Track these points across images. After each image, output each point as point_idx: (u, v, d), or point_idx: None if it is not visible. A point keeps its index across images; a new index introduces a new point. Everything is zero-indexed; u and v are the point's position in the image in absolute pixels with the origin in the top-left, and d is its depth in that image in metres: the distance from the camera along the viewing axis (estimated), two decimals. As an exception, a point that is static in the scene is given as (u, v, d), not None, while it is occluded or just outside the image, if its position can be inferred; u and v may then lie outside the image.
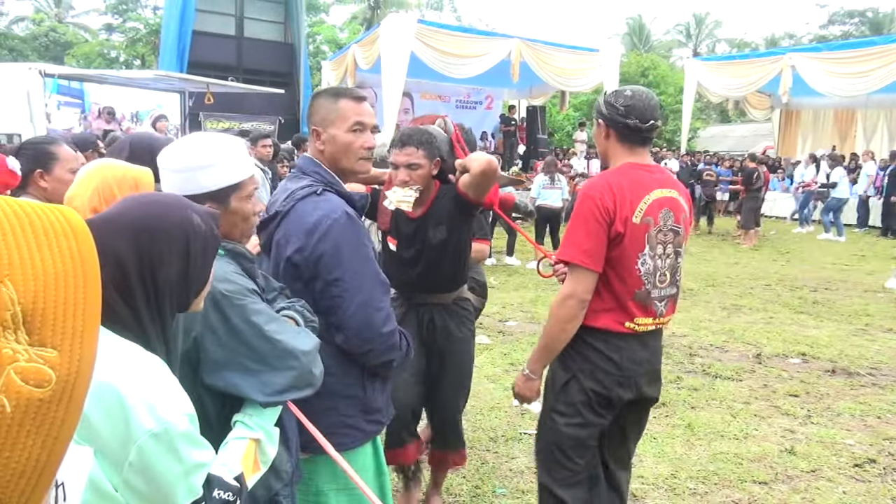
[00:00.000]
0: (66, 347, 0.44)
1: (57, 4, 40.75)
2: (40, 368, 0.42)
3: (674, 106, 26.59)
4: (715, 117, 37.09)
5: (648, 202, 2.20)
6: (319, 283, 1.88)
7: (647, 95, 2.27)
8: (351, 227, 1.90)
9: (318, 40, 31.54)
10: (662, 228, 2.23)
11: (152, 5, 36.90)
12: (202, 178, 1.62)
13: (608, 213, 2.15)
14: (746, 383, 5.09)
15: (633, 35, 44.57)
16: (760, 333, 6.46)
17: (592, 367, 2.27)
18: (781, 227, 14.61)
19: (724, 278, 9.27)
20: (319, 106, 2.05)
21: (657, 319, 2.30)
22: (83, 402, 0.46)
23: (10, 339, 0.41)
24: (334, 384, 1.90)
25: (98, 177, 1.96)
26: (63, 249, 0.46)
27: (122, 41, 34.94)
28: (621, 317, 2.23)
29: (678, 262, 2.32)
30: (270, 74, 17.42)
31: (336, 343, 1.93)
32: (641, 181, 2.22)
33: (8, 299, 0.41)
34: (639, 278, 2.22)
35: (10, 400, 0.41)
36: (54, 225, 0.46)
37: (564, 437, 2.34)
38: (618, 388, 2.28)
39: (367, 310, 1.90)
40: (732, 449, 3.96)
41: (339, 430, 1.95)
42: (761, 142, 24.67)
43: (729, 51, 40.90)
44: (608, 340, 2.25)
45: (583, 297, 2.19)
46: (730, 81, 17.64)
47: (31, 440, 0.42)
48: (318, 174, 2.00)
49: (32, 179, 2.60)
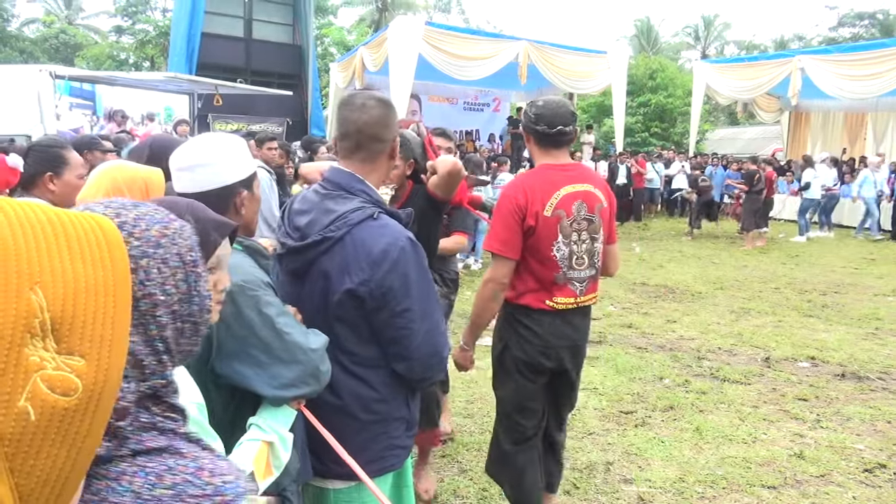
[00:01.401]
0: (94, 356, 0.44)
1: (67, 7, 41.02)
2: (67, 377, 0.42)
3: (682, 108, 26.52)
4: (724, 120, 36.97)
5: (559, 197, 2.57)
6: (385, 314, 1.77)
7: (557, 104, 2.63)
8: (415, 254, 1.80)
9: (326, 42, 31.58)
10: (576, 218, 2.60)
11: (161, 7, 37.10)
12: (215, 173, 1.67)
13: (520, 209, 2.54)
14: (755, 387, 5.07)
15: (642, 37, 44.49)
16: (769, 337, 6.42)
17: (519, 339, 2.69)
18: (791, 229, 14.53)
19: (732, 281, 9.23)
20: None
21: (577, 299, 2.66)
22: (110, 411, 0.45)
23: (38, 347, 0.41)
24: (386, 410, 1.88)
25: (108, 178, 1.97)
26: (95, 259, 0.45)
27: (132, 43, 35.11)
28: (542, 296, 2.62)
29: (595, 246, 2.67)
30: (279, 76, 17.47)
31: (393, 370, 1.87)
32: (552, 180, 2.59)
33: (37, 306, 0.41)
34: (556, 263, 2.59)
35: (36, 408, 0.40)
36: (88, 234, 0.46)
37: (508, 402, 2.81)
38: (540, 357, 2.68)
39: (433, 337, 1.84)
40: (741, 453, 3.94)
41: (389, 452, 1.92)
42: (770, 144, 24.58)
43: (738, 53, 40.77)
44: (531, 316, 2.65)
45: (501, 280, 2.60)
46: (739, 84, 17.57)
47: (55, 449, 0.42)
48: (366, 193, 1.83)
49: (42, 181, 2.61)
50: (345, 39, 31.62)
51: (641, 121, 27.71)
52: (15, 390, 0.40)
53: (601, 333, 6.42)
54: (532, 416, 2.80)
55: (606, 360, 5.59)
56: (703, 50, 44.85)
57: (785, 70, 16.10)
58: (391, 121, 1.88)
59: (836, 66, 15.22)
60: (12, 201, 0.43)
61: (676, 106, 27.43)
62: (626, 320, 6.96)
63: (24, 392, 0.40)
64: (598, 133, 26.42)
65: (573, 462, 3.79)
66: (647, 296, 8.25)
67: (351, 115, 1.85)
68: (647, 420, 4.40)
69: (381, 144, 1.87)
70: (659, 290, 8.63)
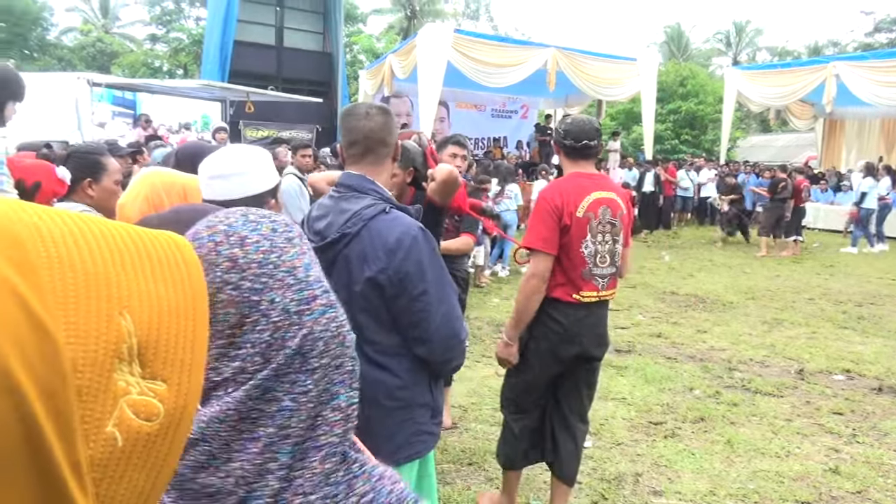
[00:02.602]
0: (175, 381, 0.44)
1: (104, 16, 42.02)
2: (150, 402, 0.42)
3: (713, 115, 26.22)
4: (755, 127, 36.46)
5: (589, 201, 2.86)
6: (404, 299, 1.88)
7: (583, 121, 2.97)
8: (427, 242, 1.93)
9: (355, 50, 31.91)
10: (602, 221, 2.89)
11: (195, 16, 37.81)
12: (248, 182, 1.74)
13: (558, 209, 2.83)
14: (788, 399, 4.97)
15: (672, 44, 44.12)
16: (803, 348, 6.30)
17: (546, 329, 2.92)
18: (825, 238, 14.26)
19: (764, 291, 9.08)
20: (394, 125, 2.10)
21: (599, 293, 2.94)
22: (187, 436, 0.45)
23: (125, 372, 0.41)
24: (410, 396, 1.97)
25: (148, 184, 2.02)
26: (176, 280, 0.45)
27: (166, 51, 35.85)
28: (570, 290, 2.89)
29: (616, 247, 2.95)
30: (309, 83, 17.65)
31: (415, 355, 1.95)
32: (582, 185, 2.89)
33: (126, 332, 0.41)
34: (583, 259, 2.87)
35: (122, 433, 0.41)
36: (168, 255, 0.46)
37: (521, 385, 3.08)
38: (564, 345, 2.92)
39: (451, 319, 1.94)
40: (774, 467, 3.87)
41: (417, 438, 2.01)
42: (804, 152, 24.19)
43: (770, 59, 40.20)
44: (559, 308, 2.90)
45: (543, 274, 2.85)
46: (771, 91, 17.33)
47: (136, 473, 0.42)
48: (377, 192, 1.99)
49: (81, 187, 2.66)
50: (374, 47, 31.90)
51: (671, 128, 27.48)
52: (104, 416, 0.40)
53: (630, 343, 6.35)
54: (534, 393, 3.10)
55: (635, 369, 5.53)
56: (734, 56, 44.32)
57: (819, 76, 15.84)
58: (393, 127, 2.07)
59: (873, 73, 14.93)
60: (97, 221, 0.43)
61: (707, 113, 27.14)
62: (655, 330, 6.88)
63: (111, 417, 0.40)
64: (627, 140, 26.25)
65: (601, 472, 3.76)
66: (676, 305, 8.16)
67: (357, 124, 2.01)
68: (677, 431, 4.34)
69: (387, 148, 2.05)
70: (689, 299, 8.52)
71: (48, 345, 0.37)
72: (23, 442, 0.36)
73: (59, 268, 0.39)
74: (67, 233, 0.40)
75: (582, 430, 3.16)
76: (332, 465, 0.76)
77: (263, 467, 0.72)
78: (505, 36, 26.99)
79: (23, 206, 0.40)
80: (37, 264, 0.37)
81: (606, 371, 5.47)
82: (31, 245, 0.38)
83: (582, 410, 3.14)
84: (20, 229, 0.38)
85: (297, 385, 0.74)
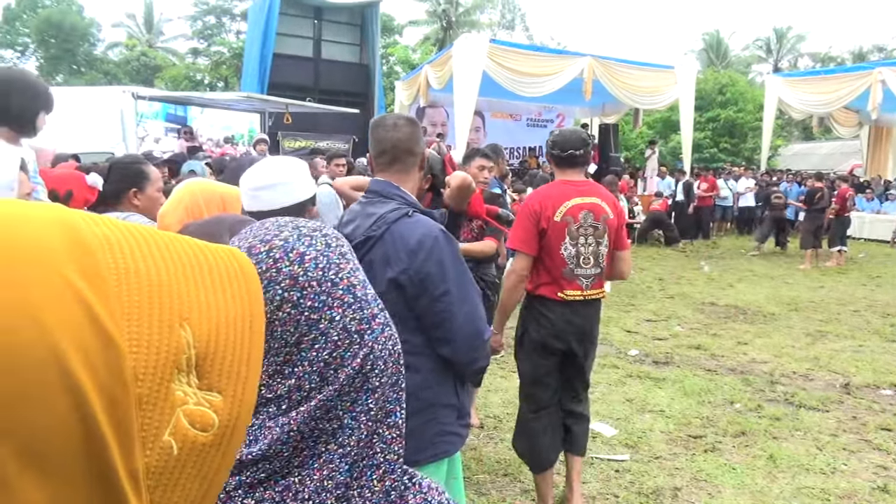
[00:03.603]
0: (230, 392, 0.44)
1: (148, 30, 43.23)
2: (206, 412, 0.43)
3: (753, 123, 25.77)
4: (797, 134, 35.71)
5: (568, 206, 3.12)
6: (425, 299, 1.94)
7: (570, 132, 3.30)
8: (448, 243, 1.98)
9: (391, 61, 32.21)
10: (583, 224, 3.13)
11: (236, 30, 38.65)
12: (293, 191, 1.84)
13: (535, 214, 3.12)
14: (834, 414, 4.83)
15: (710, 51, 43.53)
16: (848, 362, 6.12)
17: (536, 324, 3.22)
18: (871, 248, 13.86)
19: (807, 303, 8.86)
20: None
21: (584, 292, 3.17)
22: (238, 448, 0.46)
23: (183, 382, 0.42)
24: (434, 395, 2.01)
25: (188, 193, 2.07)
26: (234, 292, 0.46)
27: (207, 64, 36.68)
28: (555, 288, 3.16)
29: (600, 249, 3.19)
30: (346, 94, 17.86)
31: (439, 356, 2.00)
32: (564, 192, 3.16)
33: (185, 342, 0.42)
34: (563, 260, 3.13)
35: (178, 442, 0.41)
36: (227, 267, 0.47)
37: (526, 376, 3.36)
38: (552, 339, 3.20)
39: (473, 319, 1.98)
40: (819, 484, 3.75)
41: (441, 438, 2.04)
42: (848, 160, 23.59)
43: (812, 66, 39.35)
44: (546, 304, 3.19)
45: (521, 272, 3.16)
46: (814, 98, 16.95)
47: (189, 483, 0.43)
48: (401, 197, 2.05)
49: (126, 197, 2.73)
50: (409, 58, 32.16)
51: (710, 136, 27.07)
52: (162, 425, 0.41)
53: (668, 354, 6.25)
54: (546, 389, 3.31)
55: (674, 381, 5.44)
56: (775, 63, 43.51)
57: (864, 83, 15.45)
58: (419, 137, 2.15)
59: (921, 79, 14.51)
60: (160, 233, 0.44)
61: (747, 121, 26.69)
62: (694, 341, 6.76)
63: (168, 427, 0.41)
64: (666, 149, 25.93)
65: (639, 486, 3.70)
66: (716, 316, 8.00)
67: (386, 134, 2.09)
68: (718, 445, 4.25)
69: (413, 157, 2.12)
70: (729, 310, 8.35)
71: (112, 352, 0.38)
72: (83, 443, 0.36)
73: (126, 278, 0.40)
74: (134, 244, 0.41)
75: (583, 407, 3.45)
76: (391, 482, 0.76)
77: (322, 485, 0.72)
78: (540, 45, 26.96)
79: (92, 217, 0.41)
80: (105, 274, 0.39)
81: (644, 383, 5.40)
82: (101, 255, 0.39)
83: (575, 393, 3.41)
84: (91, 239, 0.39)
85: (359, 404, 0.74)
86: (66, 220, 0.39)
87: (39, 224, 0.38)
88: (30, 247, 0.36)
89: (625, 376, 5.56)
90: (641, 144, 24.64)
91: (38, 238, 0.37)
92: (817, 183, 12.61)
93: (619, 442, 4.27)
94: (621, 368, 5.76)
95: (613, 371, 5.68)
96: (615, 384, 5.36)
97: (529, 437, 3.36)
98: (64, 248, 0.37)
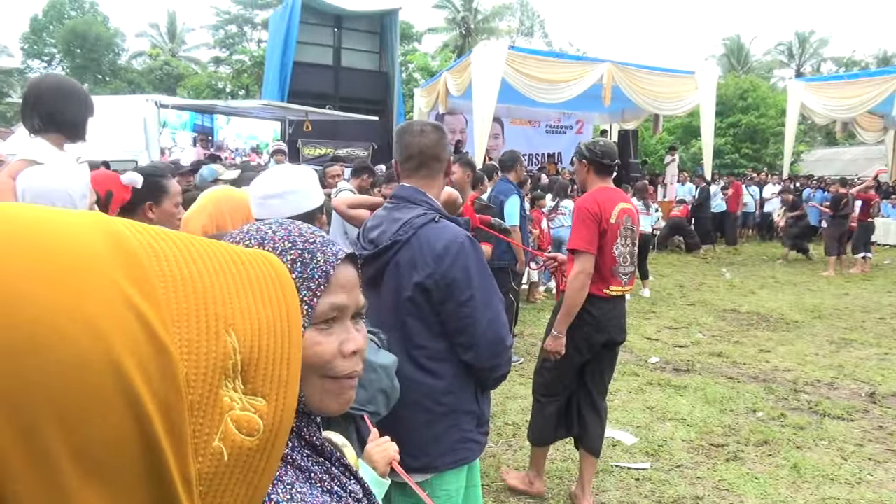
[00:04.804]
0: (273, 397, 0.45)
1: (171, 40, 43.85)
2: (252, 418, 0.44)
3: (775, 129, 25.49)
4: (820, 140, 35.28)
5: (618, 210, 3.34)
6: (451, 304, 1.96)
7: (612, 144, 3.57)
8: (474, 249, 2.01)
9: (410, 68, 32.31)
10: (625, 226, 3.37)
11: (257, 38, 39.05)
12: (303, 199, 1.87)
13: (596, 215, 3.29)
14: (859, 423, 4.75)
15: (731, 56, 43.18)
16: (874, 370, 6.02)
17: (579, 321, 3.33)
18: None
19: (831, 310, 8.73)
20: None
21: (623, 287, 3.42)
22: (282, 452, 0.46)
23: (230, 388, 0.43)
24: (455, 402, 2.04)
25: (213, 201, 2.10)
26: (273, 298, 0.47)
27: (229, 73, 37.06)
28: (602, 285, 3.34)
29: (634, 249, 3.45)
30: (365, 102, 17.94)
31: (461, 361, 2.02)
32: (611, 197, 3.39)
33: (231, 348, 0.42)
34: (614, 258, 3.34)
35: (227, 448, 0.42)
36: (264, 273, 0.48)
37: (553, 371, 3.49)
38: (594, 333, 3.37)
39: (496, 325, 2.00)
40: (844, 494, 3.70)
41: (462, 445, 2.07)
42: (873, 165, 23.19)
43: (836, 70, 38.85)
44: (592, 301, 3.33)
45: (588, 271, 3.28)
46: (837, 103, 16.72)
47: (237, 487, 0.43)
48: (428, 203, 2.08)
49: (142, 209, 2.71)
50: (429, 65, 32.25)
51: (731, 142, 26.81)
52: (212, 431, 0.41)
53: (689, 361, 6.20)
54: (564, 380, 3.51)
55: (695, 389, 5.38)
56: (797, 68, 43.05)
57: (889, 87, 15.22)
58: (445, 143, 2.18)
59: (948, 83, 14.26)
60: (202, 241, 0.45)
61: (769, 126, 26.40)
62: (715, 349, 6.69)
63: (218, 432, 0.42)
64: (686, 154, 25.73)
65: (660, 495, 3.67)
66: (738, 323, 7.91)
67: (413, 140, 2.12)
68: (740, 454, 4.20)
69: (439, 163, 2.15)
70: (751, 317, 8.26)
71: (165, 358, 0.39)
72: (139, 450, 0.37)
73: (173, 285, 0.41)
74: (177, 251, 0.42)
75: (605, 407, 3.61)
76: None
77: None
78: (560, 52, 26.92)
79: (138, 226, 0.43)
80: (154, 281, 0.40)
81: (665, 390, 5.35)
82: (149, 264, 0.40)
83: (604, 390, 3.61)
84: (138, 248, 0.40)
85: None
86: (110, 228, 0.40)
87: (84, 231, 0.38)
88: (78, 254, 0.37)
89: (645, 384, 5.52)
90: (661, 150, 24.47)
91: (85, 245, 0.37)
92: (841, 189, 12.42)
93: (640, 450, 4.24)
94: (641, 376, 5.72)
95: (634, 379, 5.64)
96: (635, 392, 5.33)
97: (539, 418, 3.58)
98: (110, 255, 0.38)
